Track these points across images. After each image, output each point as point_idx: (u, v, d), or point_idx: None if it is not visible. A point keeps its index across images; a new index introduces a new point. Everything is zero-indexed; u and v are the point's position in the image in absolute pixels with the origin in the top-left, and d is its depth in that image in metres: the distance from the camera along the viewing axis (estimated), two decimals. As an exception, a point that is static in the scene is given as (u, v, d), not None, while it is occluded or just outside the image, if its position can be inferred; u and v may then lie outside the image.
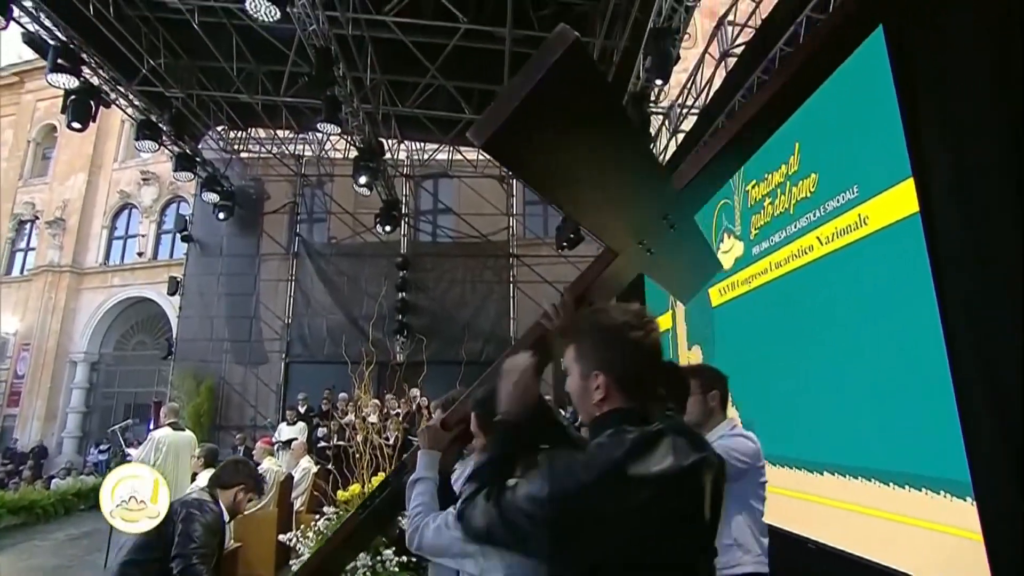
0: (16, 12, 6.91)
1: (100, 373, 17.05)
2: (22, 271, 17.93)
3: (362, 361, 5.61)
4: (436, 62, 8.53)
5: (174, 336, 12.41)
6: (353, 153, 10.09)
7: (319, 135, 11.25)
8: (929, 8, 3.12)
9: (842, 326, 3.82)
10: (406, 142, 11.85)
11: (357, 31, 8.09)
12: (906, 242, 3.21)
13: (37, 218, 17.95)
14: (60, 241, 17.06)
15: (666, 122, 8.50)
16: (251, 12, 6.26)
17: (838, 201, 3.90)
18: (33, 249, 17.88)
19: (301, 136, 11.80)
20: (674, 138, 8.33)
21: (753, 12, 6.60)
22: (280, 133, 11.84)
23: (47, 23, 7.52)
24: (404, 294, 11.53)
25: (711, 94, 7.32)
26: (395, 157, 11.88)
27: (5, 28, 6.38)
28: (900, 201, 3.29)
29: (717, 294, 5.79)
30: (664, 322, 7.34)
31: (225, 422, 11.47)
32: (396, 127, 10.74)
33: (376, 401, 7.74)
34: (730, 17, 7.02)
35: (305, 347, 11.67)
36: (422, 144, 12.00)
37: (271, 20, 6.32)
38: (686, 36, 6.51)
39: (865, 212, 3.62)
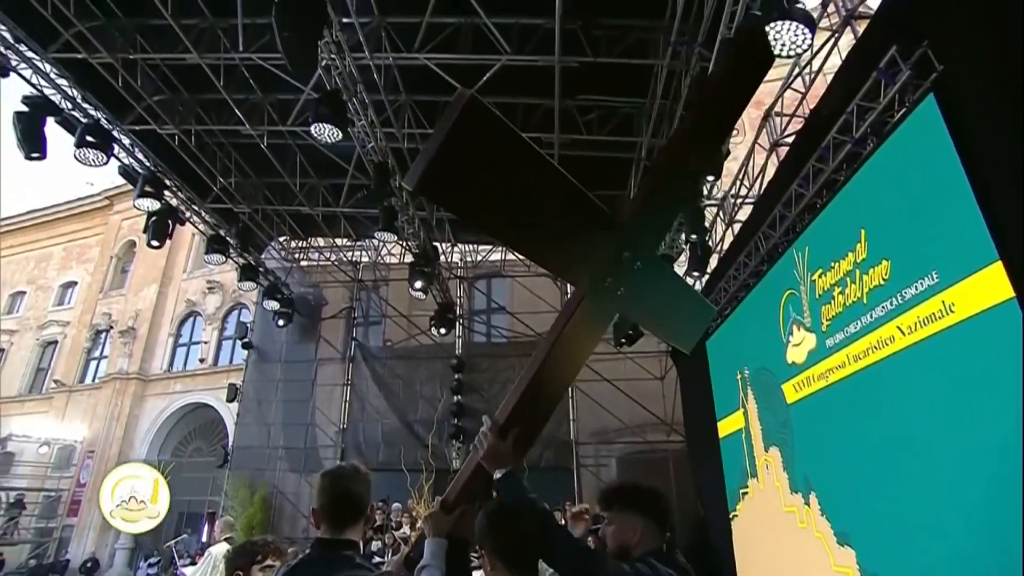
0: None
1: (157, 481, 17.44)
2: (94, 379, 19.08)
3: (421, 472, 5.56)
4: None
5: (230, 443, 12.71)
6: (408, 257, 10.60)
7: (375, 241, 11.94)
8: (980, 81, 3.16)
9: (934, 424, 3.55)
10: (460, 244, 12.38)
11: (412, 144, 8.77)
12: (1004, 330, 3.03)
13: (111, 328, 19.34)
14: (130, 349, 18.22)
15: (720, 213, 8.60)
16: (316, 135, 6.93)
17: (916, 288, 3.77)
18: (106, 358, 19.12)
19: (358, 243, 12.55)
20: (730, 228, 8.38)
21: (800, 103, 6.81)
22: (338, 241, 12.63)
23: (138, 155, 8.58)
24: (460, 397, 11.56)
25: (764, 184, 7.42)
26: (449, 259, 12.38)
27: (106, 163, 7.31)
28: (990, 286, 3.16)
29: (792, 390, 5.54)
30: (736, 421, 7.00)
31: (277, 533, 11.37)
32: (450, 230, 11.32)
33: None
34: (776, 108, 7.26)
35: (360, 454, 11.69)
36: (475, 245, 12.50)
37: (333, 140, 6.97)
38: (734, 132, 6.72)
39: (950, 299, 3.47)
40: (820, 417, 5.00)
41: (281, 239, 12.38)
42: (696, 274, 8.26)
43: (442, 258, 11.52)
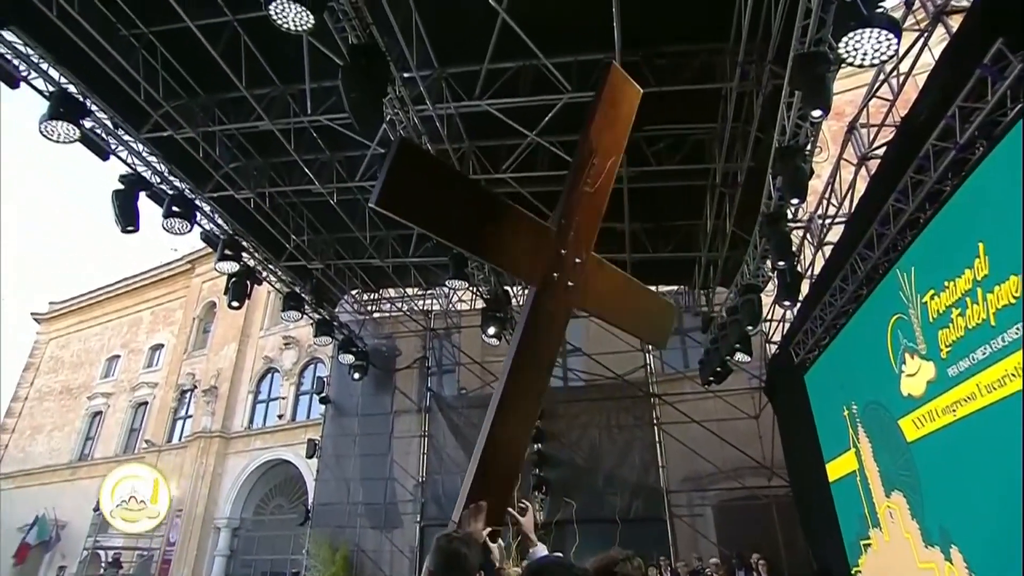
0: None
1: (240, 539, 18.04)
2: (180, 438, 20.20)
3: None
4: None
5: (310, 500, 13.04)
6: (480, 303, 10.74)
7: (446, 289, 12.19)
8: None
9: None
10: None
11: (478, 189, 9.00)
12: None
13: (195, 387, 20.54)
14: (212, 408, 19.24)
15: (808, 235, 8.25)
16: (385, 188, 7.23)
17: (1056, 306, 3.45)
18: (191, 417, 20.27)
19: (429, 292, 12.86)
20: (820, 251, 8.01)
21: (888, 111, 6.51)
22: (409, 291, 13.00)
23: (218, 220, 9.26)
24: (540, 445, 11.40)
25: (855, 201, 7.09)
26: (520, 303, 12.44)
27: (190, 230, 7.93)
28: None
29: (912, 427, 5.11)
30: (848, 463, 6.52)
31: (359, 593, 11.47)
32: (520, 274, 11.39)
33: (518, 570, 7.40)
34: (861, 119, 6.97)
35: (440, 508, 11.68)
36: (547, 287, 12.51)
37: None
38: (818, 149, 6.49)
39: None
40: (951, 457, 4.58)
41: (353, 292, 12.87)
42: (787, 303, 7.90)
43: (514, 302, 11.59)
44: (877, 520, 5.77)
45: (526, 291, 12.06)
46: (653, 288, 12.11)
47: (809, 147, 6.30)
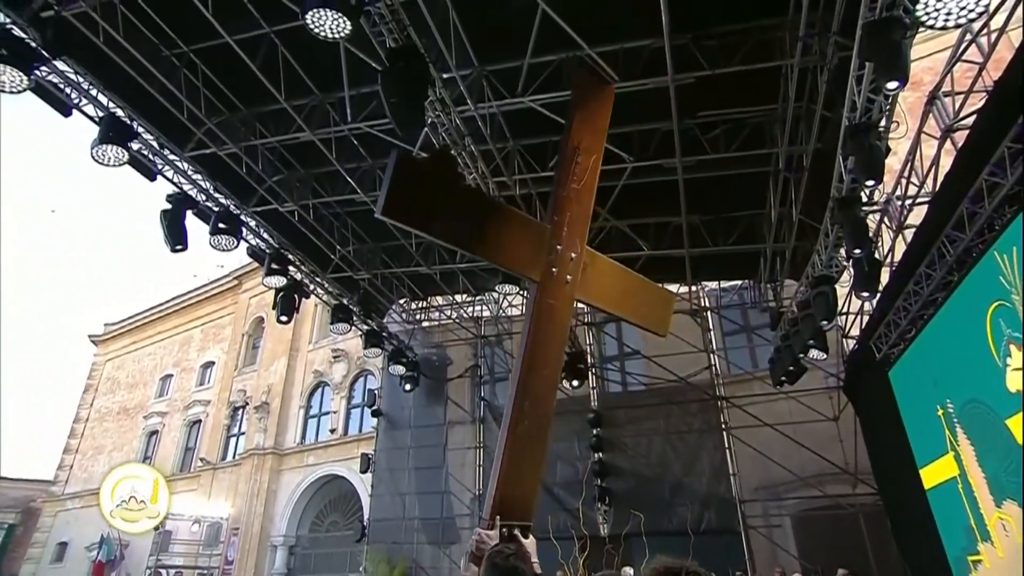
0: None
1: (297, 557, 18.51)
2: (234, 456, 20.91)
3: (570, 541, 5.42)
4: (606, 205, 9.04)
5: (365, 516, 13.26)
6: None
7: (496, 294, 12.21)
8: None
9: None
10: (583, 288, 12.32)
11: (524, 190, 8.97)
12: None
13: (247, 404, 21.24)
14: (264, 424, 19.83)
15: (885, 219, 7.87)
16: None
17: None
18: (243, 434, 20.96)
19: (478, 298, 12.91)
20: (900, 236, 7.62)
21: (977, 76, 6.12)
22: (458, 298, 13.09)
23: (264, 235, 9.55)
24: (601, 454, 11.27)
25: (939, 178, 6.71)
26: (576, 305, 12.28)
27: (237, 246, 8.20)
28: None
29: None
30: (946, 468, 6.16)
31: (418, 610, 11.58)
32: (572, 275, 11.29)
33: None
34: (945, 87, 6.59)
35: (498, 522, 11.67)
36: (600, 288, 12.38)
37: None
38: (893, 124, 6.16)
39: None
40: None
41: (401, 301, 13.06)
42: (865, 294, 7.55)
43: (566, 303, 11.51)
44: (987, 533, 5.39)
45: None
46: (714, 284, 11.99)
47: (884, 122, 5.98)
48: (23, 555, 23.86)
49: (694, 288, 11.97)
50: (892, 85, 5.22)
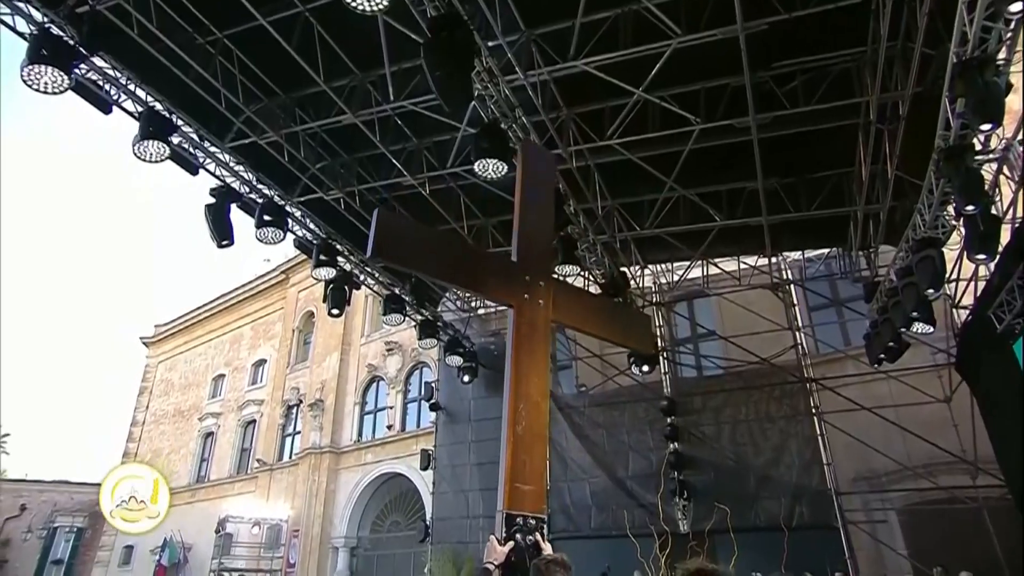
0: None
1: (359, 559, 19.11)
2: (291, 456, 21.70)
3: (650, 538, 5.40)
4: (672, 173, 8.84)
5: (428, 515, 13.55)
6: (594, 288, 10.65)
7: (556, 275, 12.16)
8: None
9: None
10: (650, 266, 12.14)
11: (581, 162, 8.86)
12: None
13: (301, 401, 21.95)
14: (320, 422, 20.45)
15: (1005, 169, 7.39)
16: (479, 172, 7.32)
17: None
18: (299, 433, 21.70)
19: (535, 281, 12.90)
20: (1021, 190, 7.15)
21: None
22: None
23: (310, 225, 9.80)
24: (676, 444, 11.14)
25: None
26: (641, 285, 12.17)
27: (283, 239, 8.45)
28: None
29: None
30: None
31: (488, 614, 11.78)
32: (636, 252, 11.14)
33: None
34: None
35: (569, 519, 11.74)
36: (669, 265, 12.18)
37: (499, 175, 7.27)
38: (1016, 56, 5.73)
39: None
40: None
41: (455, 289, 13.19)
42: (982, 257, 7.12)
43: (632, 284, 11.36)
44: None
45: (649, 269, 11.81)
46: (797, 254, 11.58)
47: (1004, 54, 5.54)
48: (92, 558, 25.57)
49: (774, 259, 11.61)
50: (1016, 8, 4.84)
